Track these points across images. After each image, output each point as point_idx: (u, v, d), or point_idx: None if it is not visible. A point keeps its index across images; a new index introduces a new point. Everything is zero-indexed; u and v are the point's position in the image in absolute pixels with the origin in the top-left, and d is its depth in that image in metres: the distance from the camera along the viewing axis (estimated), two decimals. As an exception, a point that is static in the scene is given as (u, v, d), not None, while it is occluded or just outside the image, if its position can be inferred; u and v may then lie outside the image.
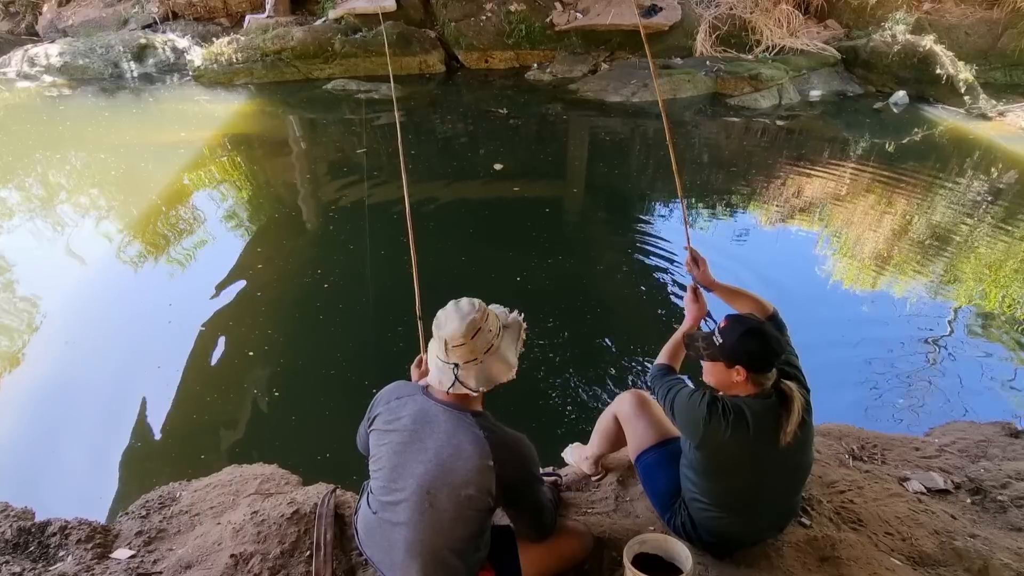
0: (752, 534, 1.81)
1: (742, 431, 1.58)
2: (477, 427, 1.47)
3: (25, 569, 1.81)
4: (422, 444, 1.47)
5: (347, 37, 10.07)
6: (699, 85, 9.30)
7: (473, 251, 4.73)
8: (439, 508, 1.43)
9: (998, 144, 7.72)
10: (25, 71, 9.81)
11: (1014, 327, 4.03)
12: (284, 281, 4.33)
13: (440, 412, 1.49)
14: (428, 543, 1.44)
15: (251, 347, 3.64)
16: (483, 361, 1.48)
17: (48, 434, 3.01)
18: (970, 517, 2.13)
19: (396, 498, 1.48)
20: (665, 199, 6.07)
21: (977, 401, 3.33)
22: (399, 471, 1.48)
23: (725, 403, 1.61)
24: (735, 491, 1.71)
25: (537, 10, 10.50)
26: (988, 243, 5.19)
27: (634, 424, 2.00)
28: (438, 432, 1.47)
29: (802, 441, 1.64)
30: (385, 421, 1.55)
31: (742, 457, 1.63)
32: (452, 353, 1.47)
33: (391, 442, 1.52)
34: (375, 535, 1.56)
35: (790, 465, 1.70)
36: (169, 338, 3.69)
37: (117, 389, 3.34)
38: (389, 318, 3.79)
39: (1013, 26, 9.71)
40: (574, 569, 1.80)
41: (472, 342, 1.46)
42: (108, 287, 4.31)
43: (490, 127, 8.16)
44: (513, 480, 1.48)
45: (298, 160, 7.02)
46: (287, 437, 3.01)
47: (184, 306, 4.04)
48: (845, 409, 3.24)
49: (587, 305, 4.15)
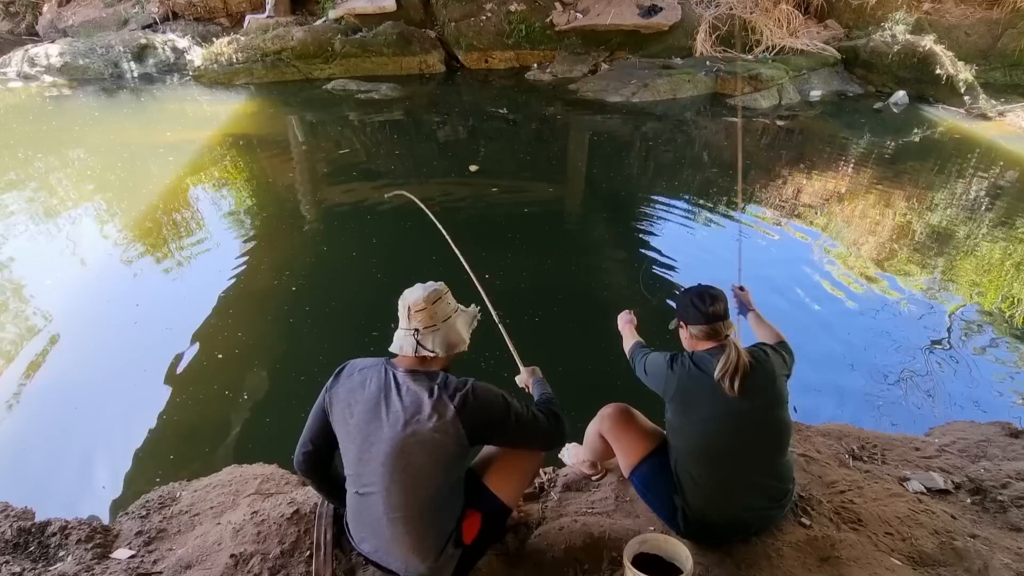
0: (744, 507, 1.82)
1: (703, 378, 1.79)
2: (433, 381, 1.60)
3: (25, 569, 1.81)
4: (389, 408, 1.58)
5: (347, 37, 10.08)
6: (699, 85, 9.30)
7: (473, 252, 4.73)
8: (415, 464, 1.54)
9: (998, 144, 7.72)
10: (25, 71, 9.82)
11: (1014, 327, 4.03)
12: (284, 280, 4.33)
13: (401, 376, 1.62)
14: (408, 502, 1.54)
15: (251, 347, 3.64)
16: (440, 328, 1.66)
17: (48, 434, 3.01)
18: (970, 517, 2.12)
19: (371, 468, 1.57)
20: (665, 199, 6.07)
21: (977, 401, 3.32)
22: (370, 439, 1.58)
23: (687, 356, 1.87)
24: (714, 446, 1.78)
25: (537, 10, 10.51)
26: (988, 243, 5.19)
27: (621, 440, 2.00)
28: (401, 394, 1.59)
29: (770, 397, 1.80)
30: (348, 392, 1.64)
31: (707, 400, 1.78)
32: (414, 318, 1.65)
33: (358, 413, 1.61)
34: (363, 517, 1.64)
35: (765, 420, 1.80)
36: (169, 338, 3.68)
37: (117, 389, 3.34)
38: (391, 317, 3.79)
39: (1013, 26, 9.71)
40: (573, 565, 1.81)
41: (432, 307, 1.66)
42: (107, 287, 4.30)
43: (490, 127, 8.16)
44: (481, 419, 1.60)
45: (297, 160, 7.03)
46: (287, 437, 3.00)
47: (184, 306, 4.04)
48: (845, 409, 3.24)
49: (586, 304, 4.16)
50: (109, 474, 2.77)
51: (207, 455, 2.88)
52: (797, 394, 3.44)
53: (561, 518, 2.02)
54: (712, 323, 1.87)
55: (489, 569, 1.78)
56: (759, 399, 1.77)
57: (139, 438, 2.98)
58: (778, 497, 1.87)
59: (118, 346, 3.70)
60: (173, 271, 4.55)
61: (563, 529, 1.94)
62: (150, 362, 3.49)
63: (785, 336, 2.09)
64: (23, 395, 3.27)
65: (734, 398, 1.74)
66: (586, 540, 1.88)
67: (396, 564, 1.62)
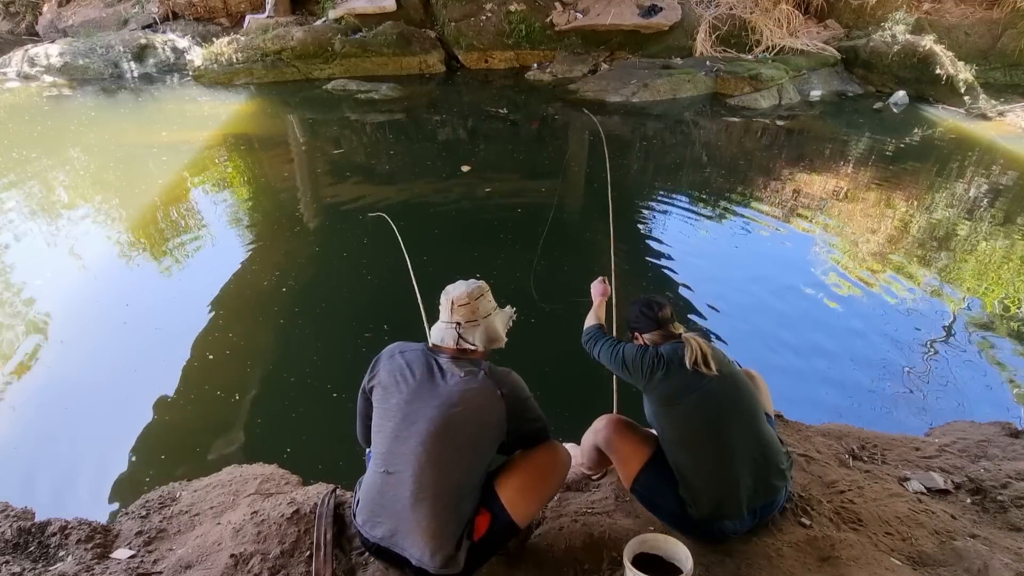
0: (746, 475, 1.82)
1: (672, 367, 1.89)
2: (479, 368, 1.68)
3: (25, 569, 1.81)
4: (435, 388, 1.64)
5: (347, 37, 10.07)
6: (699, 85, 9.30)
7: (471, 252, 4.74)
8: (453, 444, 1.59)
9: (998, 144, 7.73)
10: (25, 71, 9.82)
11: (1014, 327, 4.03)
12: (284, 280, 4.32)
13: (445, 362, 1.70)
14: (438, 482, 1.58)
15: (251, 347, 3.64)
16: (481, 324, 1.75)
17: (48, 434, 3.01)
18: (970, 517, 2.12)
19: (407, 447, 1.60)
20: (664, 199, 6.07)
21: (977, 401, 3.32)
22: (411, 417, 1.62)
23: (657, 349, 1.96)
24: (703, 423, 1.83)
25: (537, 10, 10.51)
26: (988, 243, 5.19)
27: (619, 452, 1.99)
28: (446, 377, 1.65)
29: (731, 370, 1.93)
30: (390, 374, 1.70)
31: (686, 384, 1.85)
32: (456, 312, 1.73)
33: (401, 392, 1.66)
34: (384, 499, 1.64)
35: (737, 389, 1.89)
36: (169, 338, 3.68)
37: (116, 389, 3.34)
38: (391, 318, 3.79)
39: (1013, 26, 9.72)
40: (573, 565, 1.81)
41: (475, 303, 1.75)
42: (106, 287, 4.30)
43: (490, 127, 8.16)
44: (517, 406, 1.69)
45: (297, 160, 7.02)
46: (287, 437, 3.01)
47: (184, 305, 4.04)
48: (845, 409, 3.24)
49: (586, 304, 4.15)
50: (109, 474, 2.77)
51: (207, 455, 2.88)
52: (797, 393, 3.46)
53: (561, 518, 2.01)
54: (664, 327, 2.00)
55: (489, 569, 1.78)
56: (727, 374, 1.90)
57: (139, 438, 2.98)
58: (777, 464, 1.87)
59: (117, 345, 3.69)
60: (169, 271, 4.55)
61: (563, 529, 1.94)
62: (149, 361, 3.49)
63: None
64: (23, 395, 3.27)
65: (710, 377, 1.84)
66: (586, 540, 1.88)
67: (412, 549, 1.60)
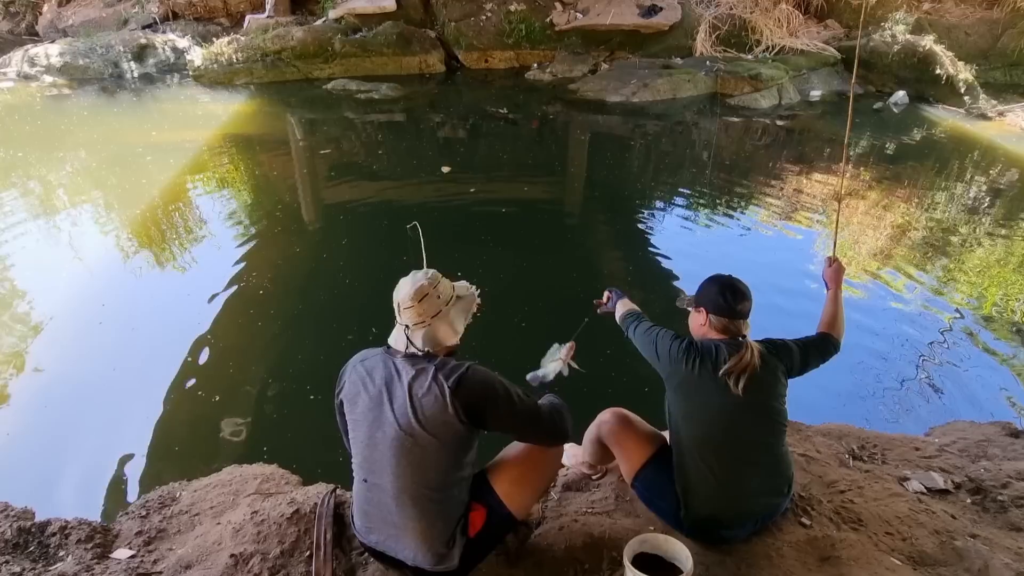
0: (750, 493, 1.82)
1: (707, 365, 1.79)
2: (430, 363, 1.62)
3: (25, 569, 1.81)
4: (393, 392, 1.61)
5: (347, 37, 10.07)
6: (699, 85, 9.30)
7: (470, 252, 4.73)
8: (421, 444, 1.56)
9: (998, 144, 7.73)
10: (25, 71, 9.81)
11: (1014, 327, 4.02)
12: (284, 280, 4.32)
13: (401, 363, 1.64)
14: (417, 482, 1.57)
15: (251, 347, 3.64)
16: (430, 324, 1.65)
17: (48, 434, 3.01)
18: (970, 517, 2.12)
19: (379, 452, 1.59)
20: (663, 198, 6.08)
21: (977, 401, 3.32)
22: (378, 422, 1.60)
23: (698, 343, 1.85)
24: (719, 431, 1.79)
25: (537, 10, 10.51)
26: (988, 243, 5.19)
27: (621, 447, 1.99)
28: (402, 379, 1.61)
29: (768, 391, 1.82)
30: (353, 384, 1.68)
31: (711, 388, 1.78)
32: (403, 315, 1.66)
33: (367, 399, 1.64)
34: (371, 506, 1.65)
35: (764, 409, 1.81)
36: (168, 337, 3.68)
37: (116, 388, 3.34)
38: (380, 318, 3.78)
39: (1013, 26, 9.72)
40: (573, 565, 1.81)
41: (419, 306, 1.64)
42: (106, 287, 4.30)
43: (490, 127, 8.16)
44: (475, 398, 1.58)
45: (297, 160, 7.02)
46: (287, 437, 3.01)
47: (184, 305, 4.03)
48: (845, 409, 3.24)
49: (585, 305, 4.15)
50: (109, 474, 2.77)
51: (207, 455, 2.88)
52: (797, 393, 3.45)
53: (561, 518, 2.01)
54: (734, 319, 1.85)
55: (489, 568, 1.78)
56: (760, 394, 1.79)
57: (139, 438, 2.97)
58: (780, 485, 1.87)
59: (116, 345, 3.69)
60: (169, 271, 4.55)
61: (563, 529, 1.94)
62: (149, 361, 3.49)
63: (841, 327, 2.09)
64: (23, 395, 3.27)
65: (733, 395, 1.75)
66: (586, 540, 1.88)
67: (404, 551, 1.62)
